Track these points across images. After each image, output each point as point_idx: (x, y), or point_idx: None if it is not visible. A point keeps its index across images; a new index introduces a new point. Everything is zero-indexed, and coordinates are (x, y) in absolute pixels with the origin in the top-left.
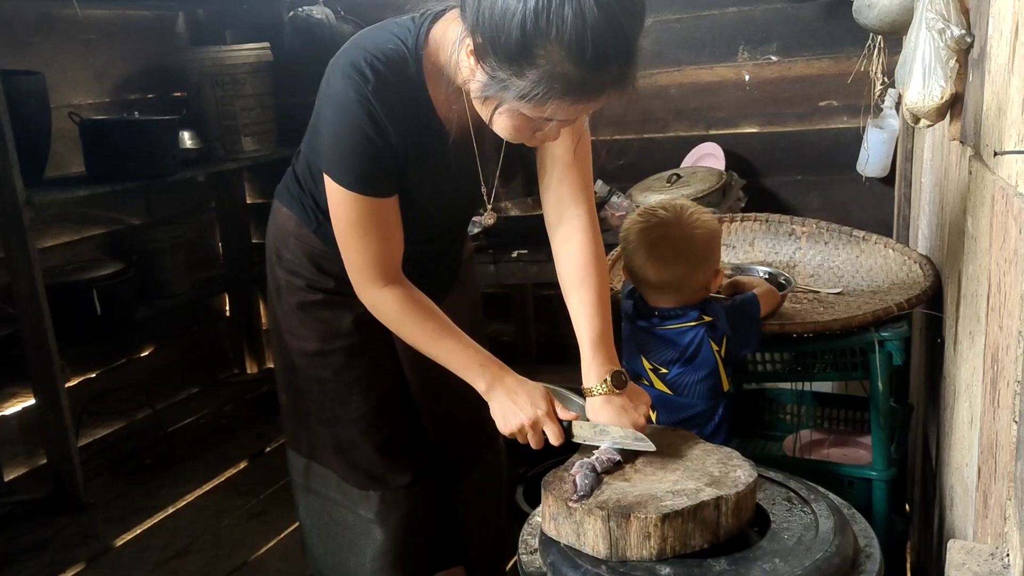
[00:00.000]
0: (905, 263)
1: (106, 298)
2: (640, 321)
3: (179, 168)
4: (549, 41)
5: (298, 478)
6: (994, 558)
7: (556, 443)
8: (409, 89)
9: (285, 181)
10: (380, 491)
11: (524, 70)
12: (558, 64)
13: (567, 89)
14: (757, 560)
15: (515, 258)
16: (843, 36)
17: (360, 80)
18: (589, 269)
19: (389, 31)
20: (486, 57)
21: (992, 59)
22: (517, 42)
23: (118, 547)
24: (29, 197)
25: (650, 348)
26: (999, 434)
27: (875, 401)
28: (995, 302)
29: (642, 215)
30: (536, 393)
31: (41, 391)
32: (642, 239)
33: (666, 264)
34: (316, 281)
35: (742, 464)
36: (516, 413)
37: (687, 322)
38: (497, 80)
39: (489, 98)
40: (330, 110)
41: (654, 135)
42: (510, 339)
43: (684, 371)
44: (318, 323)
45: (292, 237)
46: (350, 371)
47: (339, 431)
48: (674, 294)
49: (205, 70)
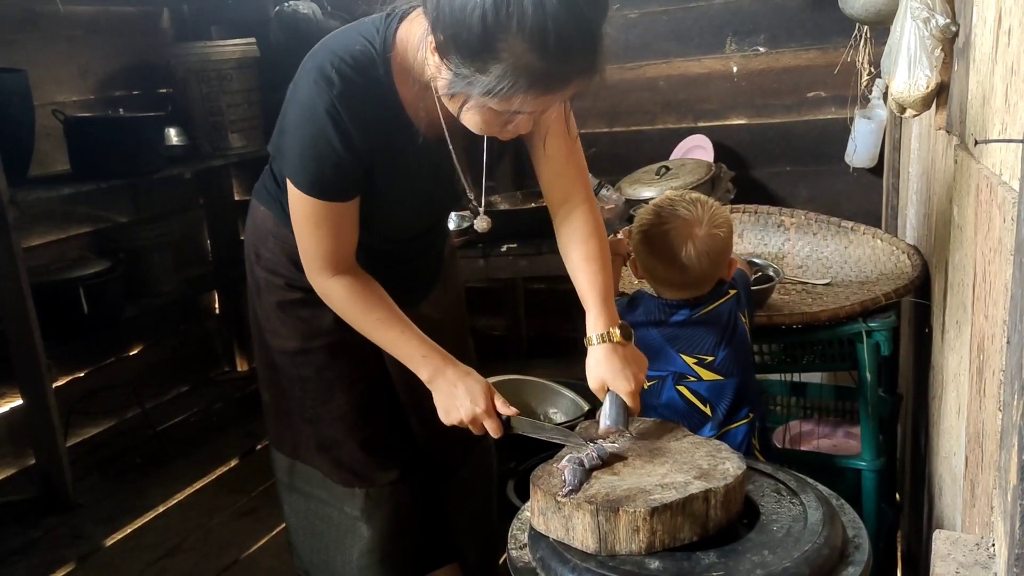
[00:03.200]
0: (893, 253)
1: (93, 297)
2: (673, 318)
3: (165, 165)
4: (510, 34)
5: (283, 477)
6: (979, 548)
7: (495, 436)
8: (377, 90)
9: (263, 180)
10: (365, 488)
11: (487, 65)
12: (521, 57)
13: (532, 82)
14: (746, 552)
15: (505, 252)
16: (830, 27)
17: (326, 87)
18: (591, 236)
19: (357, 32)
20: (448, 54)
21: (976, 48)
22: (478, 37)
23: (108, 547)
24: (13, 196)
25: (692, 341)
26: (985, 423)
27: (863, 391)
28: (980, 291)
29: (659, 216)
30: (476, 388)
31: (28, 391)
32: (667, 240)
33: (691, 266)
34: (295, 279)
35: (731, 456)
36: (456, 407)
37: (721, 298)
38: (461, 77)
39: (456, 95)
40: (295, 115)
41: (643, 127)
42: (501, 333)
43: (730, 350)
44: (298, 321)
45: (271, 236)
46: (332, 369)
47: (322, 429)
48: (695, 289)
49: (190, 66)
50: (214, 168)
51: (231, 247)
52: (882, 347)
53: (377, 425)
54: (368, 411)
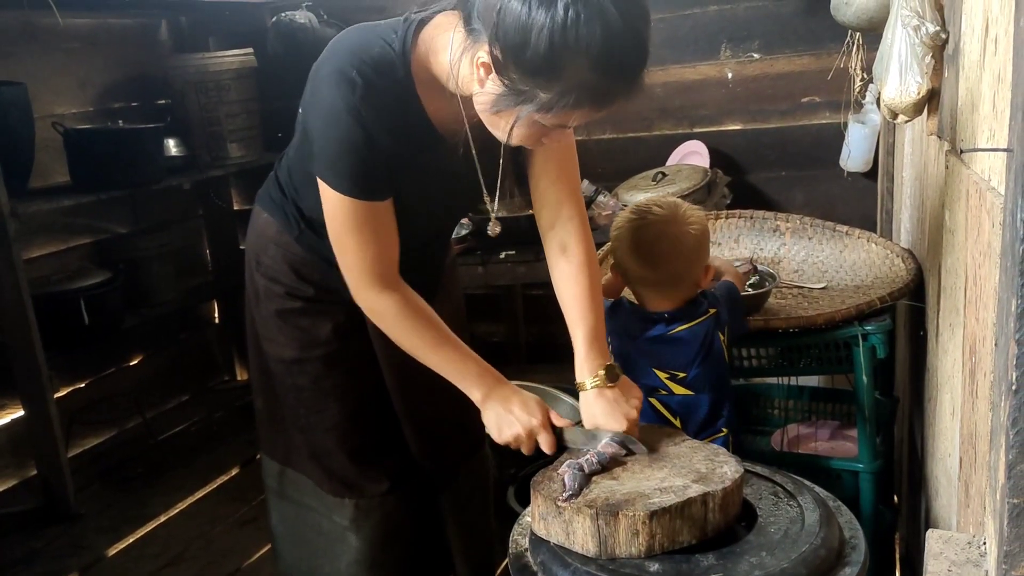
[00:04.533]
0: (888, 257)
1: (94, 307)
2: (647, 333)
3: (165, 176)
4: (578, 54)
5: (272, 483)
6: (971, 546)
7: (549, 452)
8: (398, 93)
9: (267, 187)
10: (355, 499)
11: (550, 83)
12: (585, 75)
13: (592, 98)
14: (744, 554)
15: (503, 259)
16: (823, 33)
17: (348, 88)
18: (582, 267)
19: (374, 33)
20: (507, 70)
21: (965, 55)
22: (544, 56)
23: (110, 556)
24: (14, 208)
25: (665, 356)
26: (978, 424)
27: (860, 394)
28: (971, 294)
29: (635, 213)
30: (531, 403)
31: (29, 402)
32: (637, 238)
33: (663, 261)
34: (296, 288)
35: (728, 460)
36: (512, 423)
37: (697, 318)
38: (517, 92)
39: (506, 109)
40: (320, 119)
41: (639, 134)
42: (500, 340)
43: (703, 368)
44: (297, 331)
45: (272, 243)
46: (327, 379)
47: (314, 438)
48: (670, 291)
49: (189, 77)
50: (213, 178)
51: (231, 256)
52: (878, 350)
53: (369, 436)
54: (361, 422)
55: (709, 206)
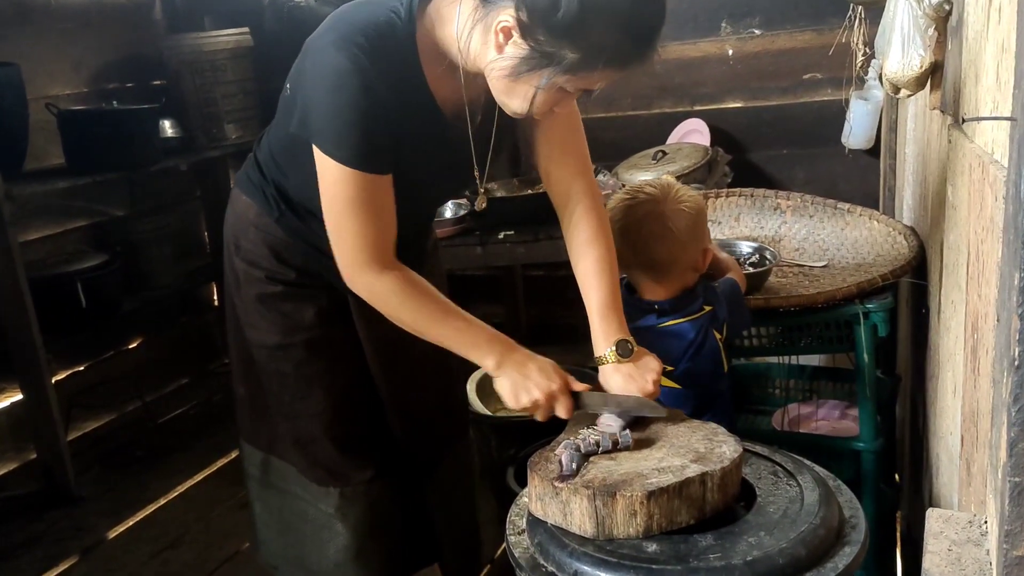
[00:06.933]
0: (890, 235)
1: (91, 290)
2: (640, 323)
3: (161, 157)
4: (606, 13)
5: (254, 472)
6: (972, 526)
7: (565, 416)
8: (403, 63)
9: (245, 169)
10: (340, 488)
11: (577, 42)
12: (612, 36)
13: (616, 60)
14: (743, 534)
15: (502, 239)
16: (824, 7)
17: (355, 51)
18: (595, 238)
19: (379, 4)
20: (534, 31)
21: (968, 26)
22: (575, 15)
23: (111, 539)
24: (9, 191)
25: (654, 348)
26: (980, 402)
27: (861, 373)
28: (974, 270)
29: (628, 194)
30: (548, 366)
31: (28, 386)
32: (630, 217)
33: (653, 242)
34: (276, 272)
35: (727, 440)
36: (529, 388)
37: (690, 315)
38: (543, 54)
39: (528, 72)
40: (321, 88)
41: (639, 112)
42: (500, 321)
43: (693, 364)
44: (278, 315)
45: (252, 226)
46: (311, 365)
47: (299, 425)
48: (663, 278)
49: (184, 57)
50: (210, 159)
51: None
52: (879, 328)
53: (353, 423)
54: (345, 408)
55: (710, 184)
